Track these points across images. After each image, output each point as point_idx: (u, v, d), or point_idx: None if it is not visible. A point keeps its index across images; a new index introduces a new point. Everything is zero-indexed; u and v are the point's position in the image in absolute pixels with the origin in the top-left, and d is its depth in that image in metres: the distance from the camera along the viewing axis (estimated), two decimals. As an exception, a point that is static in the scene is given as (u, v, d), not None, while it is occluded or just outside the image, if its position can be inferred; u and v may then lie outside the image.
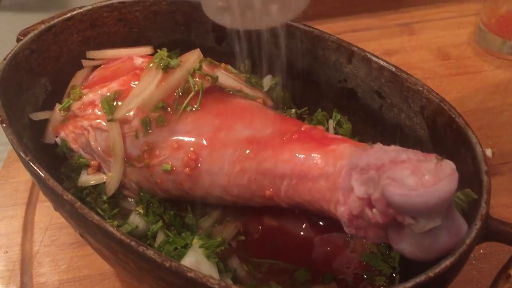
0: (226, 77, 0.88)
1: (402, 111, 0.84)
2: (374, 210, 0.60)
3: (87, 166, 0.89)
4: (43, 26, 0.97)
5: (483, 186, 0.63)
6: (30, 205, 1.04)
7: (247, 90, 0.87)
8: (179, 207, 0.88)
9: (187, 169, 0.78)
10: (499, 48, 1.35)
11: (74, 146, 0.90)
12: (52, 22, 0.98)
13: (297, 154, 0.72)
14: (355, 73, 0.90)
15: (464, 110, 1.18)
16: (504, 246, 0.64)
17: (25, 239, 0.98)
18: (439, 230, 0.57)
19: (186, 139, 0.80)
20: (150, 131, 0.81)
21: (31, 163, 0.71)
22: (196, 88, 0.83)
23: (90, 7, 1.03)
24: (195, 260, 0.76)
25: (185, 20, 1.07)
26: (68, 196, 0.66)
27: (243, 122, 0.79)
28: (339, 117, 0.94)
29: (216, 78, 0.85)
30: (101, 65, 1.02)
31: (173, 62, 0.84)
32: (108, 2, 1.04)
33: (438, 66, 1.34)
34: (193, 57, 0.86)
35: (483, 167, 0.65)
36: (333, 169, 0.66)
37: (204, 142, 0.78)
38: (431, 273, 0.55)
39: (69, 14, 1.01)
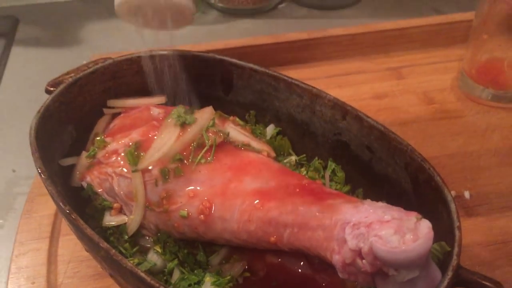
0: (235, 131, 1.00)
1: (389, 165, 0.96)
2: (364, 261, 0.72)
3: (110, 208, 1.00)
4: (70, 79, 1.09)
5: (455, 240, 0.75)
6: (53, 239, 1.14)
7: (253, 143, 0.99)
8: (191, 245, 0.98)
9: (202, 216, 0.89)
10: (479, 94, 1.48)
11: (98, 189, 1.01)
12: (78, 76, 1.10)
13: (299, 207, 0.83)
14: (348, 128, 1.02)
15: (446, 153, 1.33)
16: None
17: (49, 271, 1.08)
18: (417, 279, 0.69)
19: (200, 188, 0.91)
20: (168, 180, 0.92)
21: (69, 214, 0.82)
22: (210, 143, 0.94)
23: (112, 61, 1.14)
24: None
25: (195, 72, 1.19)
26: (104, 244, 0.77)
27: (251, 175, 0.91)
28: (333, 166, 1.05)
29: (227, 134, 0.96)
30: (120, 113, 1.14)
31: (189, 119, 0.96)
32: (128, 56, 1.16)
33: (424, 110, 1.47)
34: (206, 114, 0.98)
35: (456, 223, 0.77)
36: (330, 222, 0.78)
37: (217, 192, 0.90)
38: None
39: (92, 68, 1.12)
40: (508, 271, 1.07)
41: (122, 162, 0.98)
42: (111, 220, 0.99)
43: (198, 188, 0.91)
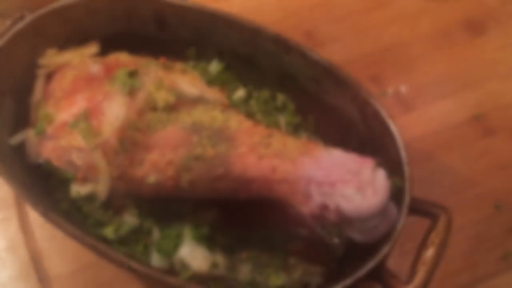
0: (184, 83, 0.99)
1: (337, 97, 1.00)
2: (331, 214, 0.80)
3: (74, 178, 1.02)
4: (-8, 50, 1.01)
5: (405, 176, 0.84)
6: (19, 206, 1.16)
7: (207, 95, 0.99)
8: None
9: (171, 181, 0.93)
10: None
11: (58, 163, 1.01)
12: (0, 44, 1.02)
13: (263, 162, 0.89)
14: (293, 62, 1.03)
15: (381, 47, 1.37)
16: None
17: (27, 239, 1.12)
18: (379, 223, 0.79)
19: (162, 154, 0.94)
20: (128, 149, 0.94)
21: (46, 214, 0.85)
22: (161, 104, 0.94)
23: (31, 17, 1.06)
24: (189, 250, 0.96)
25: (124, 14, 1.13)
26: (91, 241, 0.82)
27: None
28: (283, 98, 1.09)
29: (176, 94, 0.96)
30: (56, 72, 1.09)
31: (137, 83, 0.94)
32: (51, 9, 1.07)
33: (356, 2, 1.47)
34: (152, 73, 0.96)
35: (405, 158, 0.86)
36: (294, 176, 0.85)
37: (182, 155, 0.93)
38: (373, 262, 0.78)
39: (12, 31, 1.04)
40: (445, 160, 1.20)
41: (77, 135, 0.97)
42: (79, 190, 1.01)
43: (161, 153, 0.94)
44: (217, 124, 0.94)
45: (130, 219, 1.01)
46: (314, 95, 1.05)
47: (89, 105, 0.97)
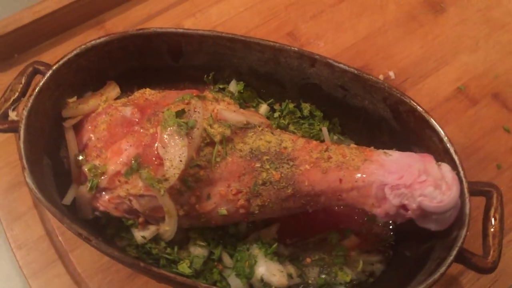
0: (226, 112, 1.02)
1: (366, 99, 1.09)
2: (409, 212, 0.90)
3: (134, 224, 1.03)
4: (24, 113, 0.98)
5: (456, 163, 0.96)
6: (64, 259, 1.14)
7: (250, 119, 1.03)
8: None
9: (242, 209, 0.98)
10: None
11: (116, 214, 1.01)
12: (29, 105, 0.99)
13: (326, 176, 0.96)
14: (318, 73, 1.10)
15: (360, 37, 1.47)
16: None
17: (83, 291, 1.11)
18: (452, 212, 0.90)
19: (228, 184, 0.97)
20: (192, 186, 0.96)
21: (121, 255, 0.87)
22: (218, 138, 0.97)
23: (51, 71, 1.03)
24: (266, 267, 1.01)
25: (137, 49, 1.12)
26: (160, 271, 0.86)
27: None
28: (309, 107, 1.15)
29: (229, 125, 0.99)
30: (83, 121, 1.07)
31: (190, 123, 0.96)
32: (65, 59, 1.05)
33: (326, -1, 1.55)
34: (200, 110, 0.98)
35: (451, 148, 0.97)
36: (363, 184, 0.93)
37: (249, 183, 0.97)
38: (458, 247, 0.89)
39: (37, 89, 1.01)
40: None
41: (134, 183, 0.97)
42: (144, 235, 1.02)
43: (227, 184, 0.97)
44: (273, 147, 0.98)
45: (199, 251, 1.04)
46: (340, 100, 1.12)
47: (138, 151, 0.98)
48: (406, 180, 0.89)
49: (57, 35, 1.39)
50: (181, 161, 0.94)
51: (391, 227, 1.12)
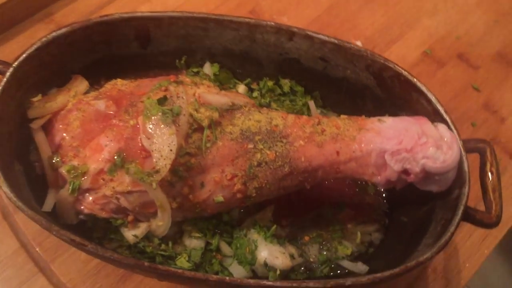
0: (210, 95, 0.97)
1: (347, 69, 1.06)
2: (412, 176, 0.89)
3: (123, 223, 0.96)
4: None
5: (449, 124, 0.95)
6: (45, 270, 1.05)
7: (235, 100, 0.98)
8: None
9: (239, 194, 0.93)
10: None
11: (103, 215, 0.94)
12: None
13: (322, 150, 0.93)
14: (297, 47, 1.06)
15: (323, 9, 1.45)
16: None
17: (73, 302, 1.04)
18: (453, 172, 0.90)
19: (222, 169, 0.93)
20: (184, 176, 0.91)
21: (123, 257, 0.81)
22: (206, 123, 0.92)
23: (12, 69, 0.94)
24: (268, 251, 0.98)
25: (102, 38, 1.05)
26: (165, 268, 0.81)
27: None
28: (289, 83, 1.12)
29: (215, 108, 0.94)
30: (51, 119, 0.99)
31: (176, 110, 0.90)
32: (26, 55, 0.96)
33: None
34: (183, 96, 0.92)
35: (441, 107, 0.97)
36: (361, 154, 0.91)
37: (243, 166, 0.93)
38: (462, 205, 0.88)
39: (-1, 90, 0.92)
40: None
41: (120, 180, 0.91)
42: (136, 233, 0.96)
43: (220, 170, 0.93)
44: (264, 125, 0.94)
45: (196, 243, 0.99)
46: (320, 73, 1.10)
47: (120, 145, 0.91)
48: (406, 144, 0.88)
49: (4, 32, 1.27)
50: (171, 150, 0.88)
51: (384, 195, 1.11)
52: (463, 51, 1.43)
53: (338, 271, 1.02)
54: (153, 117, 0.89)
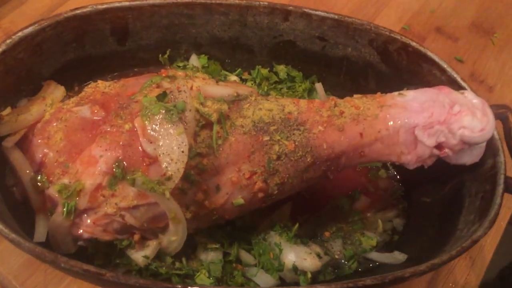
0: (213, 87, 0.86)
1: (348, 46, 0.99)
2: (446, 150, 0.82)
3: (129, 245, 0.83)
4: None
5: (466, 89, 0.90)
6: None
7: (238, 90, 0.87)
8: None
9: (260, 193, 0.83)
10: None
11: (107, 237, 0.81)
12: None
13: (342, 136, 0.84)
14: (293, 27, 0.97)
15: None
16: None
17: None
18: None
19: (238, 168, 0.82)
20: (196, 181, 0.80)
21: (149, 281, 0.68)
22: (215, 117, 0.81)
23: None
24: (294, 253, 0.88)
25: (74, 35, 0.91)
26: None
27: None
28: (285, 69, 1.03)
29: (223, 100, 0.83)
30: (26, 135, 0.85)
31: (181, 106, 0.78)
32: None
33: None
34: (186, 90, 0.81)
35: (457, 75, 0.91)
36: (388, 132, 0.83)
37: (260, 161, 0.82)
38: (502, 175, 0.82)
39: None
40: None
41: (123, 193, 0.78)
42: (146, 254, 0.83)
43: (236, 169, 0.82)
44: (277, 114, 0.85)
45: (213, 256, 0.88)
46: (318, 53, 1.01)
47: (117, 154, 0.78)
48: (438, 116, 0.81)
49: None
50: (182, 151, 0.76)
51: (398, 177, 1.04)
52: (440, 24, 1.40)
53: (369, 265, 0.94)
54: (155, 117, 0.77)
